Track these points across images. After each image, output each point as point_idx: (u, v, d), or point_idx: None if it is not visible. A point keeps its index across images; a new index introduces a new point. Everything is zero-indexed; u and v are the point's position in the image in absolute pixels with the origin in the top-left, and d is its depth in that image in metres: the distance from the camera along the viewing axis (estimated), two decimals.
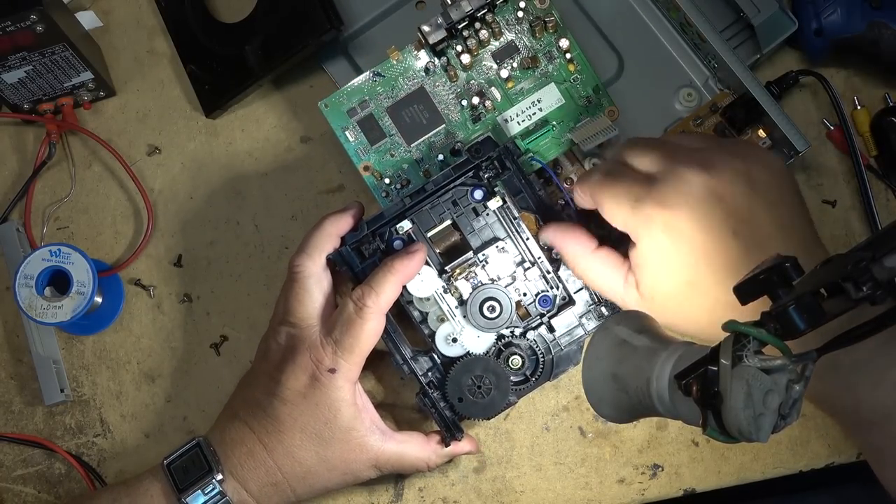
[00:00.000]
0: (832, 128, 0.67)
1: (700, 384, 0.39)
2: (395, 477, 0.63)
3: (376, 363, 0.64)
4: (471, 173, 0.59)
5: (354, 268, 0.58)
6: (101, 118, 0.70)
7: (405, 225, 0.59)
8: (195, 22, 0.69)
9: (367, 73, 0.63)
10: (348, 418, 0.55)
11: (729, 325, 0.39)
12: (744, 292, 0.41)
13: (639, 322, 0.49)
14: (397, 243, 0.59)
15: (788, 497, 0.75)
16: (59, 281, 0.63)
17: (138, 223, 0.68)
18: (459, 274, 0.59)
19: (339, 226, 0.58)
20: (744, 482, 0.63)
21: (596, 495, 0.63)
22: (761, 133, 0.64)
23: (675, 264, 0.52)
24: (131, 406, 0.66)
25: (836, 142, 0.67)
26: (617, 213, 0.53)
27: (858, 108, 0.67)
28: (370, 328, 0.55)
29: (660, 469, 0.63)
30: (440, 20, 0.60)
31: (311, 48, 0.65)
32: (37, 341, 0.65)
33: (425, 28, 0.60)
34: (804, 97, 0.68)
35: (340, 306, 0.56)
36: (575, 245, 0.56)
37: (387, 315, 0.58)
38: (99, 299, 0.66)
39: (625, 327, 0.48)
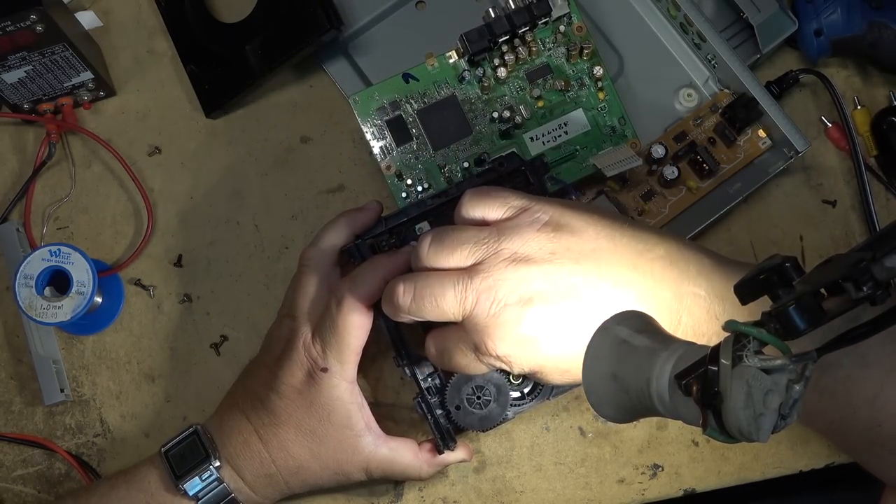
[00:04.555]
0: (830, 125, 0.67)
1: (700, 384, 0.39)
2: None
3: (380, 362, 0.64)
4: (494, 184, 0.59)
5: None
6: (101, 118, 0.70)
7: (424, 226, 0.59)
8: (195, 22, 0.69)
9: (400, 73, 0.63)
10: (343, 417, 0.55)
11: (729, 325, 0.39)
12: (744, 292, 0.41)
13: (639, 322, 0.49)
14: (413, 244, 0.59)
15: (788, 497, 0.75)
16: (59, 281, 0.63)
17: (138, 223, 0.68)
18: None
19: (355, 223, 0.58)
20: (744, 482, 0.63)
21: (596, 495, 0.63)
22: (761, 133, 0.64)
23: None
24: (131, 406, 0.66)
25: (834, 139, 0.67)
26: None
27: (858, 108, 0.67)
28: (352, 322, 0.54)
29: (660, 469, 0.63)
30: (483, 31, 0.60)
31: (311, 48, 0.65)
32: (37, 341, 0.65)
33: (469, 36, 0.61)
34: (804, 97, 0.68)
35: (327, 302, 0.56)
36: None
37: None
38: (99, 299, 0.66)
39: (625, 327, 0.48)
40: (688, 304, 0.50)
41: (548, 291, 0.49)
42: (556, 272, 0.49)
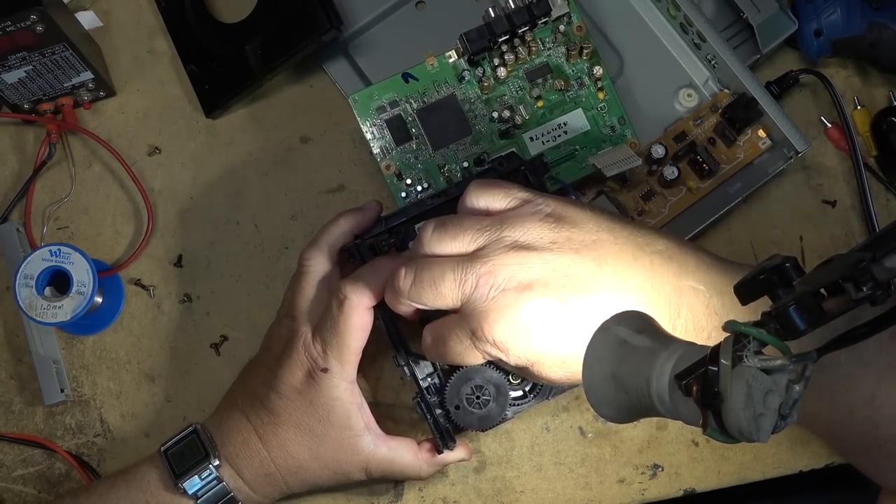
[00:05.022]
0: (829, 125, 0.67)
1: (700, 384, 0.39)
2: None
3: (380, 362, 0.64)
4: None
5: (367, 262, 0.57)
6: (101, 118, 0.70)
7: None
8: (195, 22, 0.69)
9: (399, 73, 0.63)
10: (342, 417, 0.55)
11: (729, 325, 0.39)
12: (744, 292, 0.41)
13: (639, 322, 0.49)
14: (412, 244, 0.59)
15: (788, 497, 0.75)
16: (59, 281, 0.63)
17: (138, 223, 0.68)
18: None
19: (356, 223, 0.58)
20: (744, 482, 0.63)
21: (596, 495, 0.63)
22: (761, 133, 0.64)
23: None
24: (131, 406, 0.66)
25: (834, 139, 0.67)
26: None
27: (858, 108, 0.67)
28: (353, 323, 0.54)
29: (660, 469, 0.63)
30: (483, 31, 0.60)
31: (311, 48, 0.65)
32: (37, 341, 0.65)
33: (468, 35, 0.60)
34: (804, 97, 0.68)
35: (329, 302, 0.56)
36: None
37: (391, 314, 0.58)
38: (99, 299, 0.66)
39: (625, 327, 0.48)
40: (687, 297, 0.50)
41: (547, 278, 0.49)
42: (556, 260, 0.49)
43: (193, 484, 0.55)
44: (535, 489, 0.63)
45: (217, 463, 0.56)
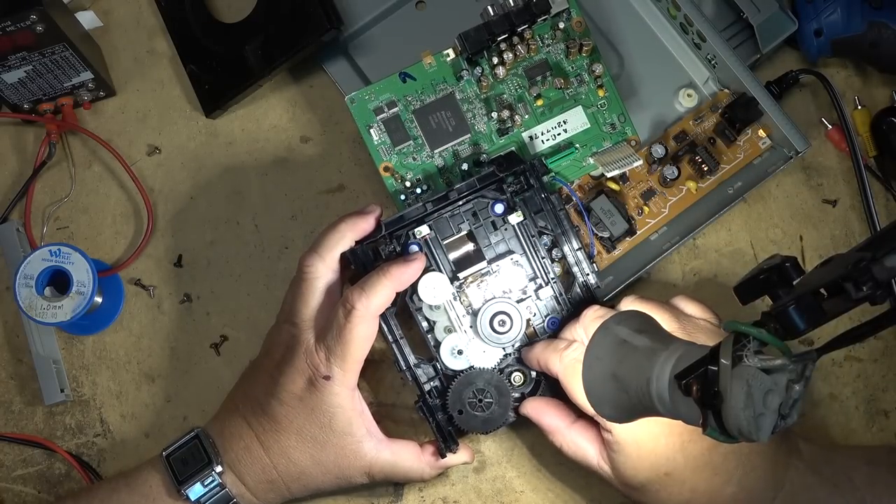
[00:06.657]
0: (831, 127, 0.67)
1: (700, 384, 0.39)
2: None
3: (380, 363, 0.64)
4: (494, 186, 0.59)
5: (368, 267, 0.57)
6: (101, 118, 0.70)
7: (423, 230, 0.59)
8: (195, 22, 0.69)
9: (397, 73, 0.63)
10: (344, 424, 0.55)
11: (729, 325, 0.39)
12: (744, 292, 0.41)
13: (639, 322, 0.49)
14: (413, 247, 0.58)
15: None
16: (59, 281, 0.63)
17: (138, 223, 0.68)
18: (471, 282, 0.59)
19: (356, 229, 0.58)
20: None
21: (596, 495, 0.63)
22: (761, 133, 0.64)
23: (653, 456, 0.52)
24: (131, 406, 0.66)
25: (835, 141, 0.67)
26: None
27: (858, 108, 0.67)
28: (360, 333, 0.54)
29: None
30: (482, 30, 0.60)
31: (311, 48, 0.65)
32: (37, 341, 0.65)
33: (466, 34, 0.60)
34: (804, 97, 0.68)
35: (334, 310, 0.56)
36: (550, 421, 0.57)
37: (393, 320, 0.58)
38: (99, 299, 0.66)
39: (625, 327, 0.48)
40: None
41: None
42: None
43: (196, 490, 0.55)
44: (535, 489, 0.63)
45: (220, 469, 0.55)
